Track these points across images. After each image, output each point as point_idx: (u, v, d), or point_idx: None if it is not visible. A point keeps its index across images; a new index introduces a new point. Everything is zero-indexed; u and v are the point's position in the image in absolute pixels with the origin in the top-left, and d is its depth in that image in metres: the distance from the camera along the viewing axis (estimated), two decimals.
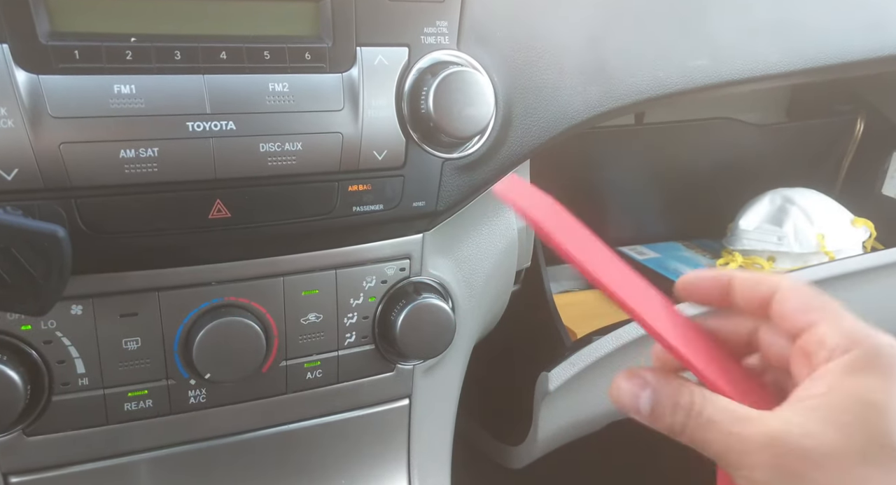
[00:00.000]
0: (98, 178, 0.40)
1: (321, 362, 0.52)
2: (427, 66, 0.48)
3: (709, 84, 0.61)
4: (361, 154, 0.47)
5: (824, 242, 0.83)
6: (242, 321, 0.47)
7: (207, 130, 0.42)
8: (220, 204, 0.44)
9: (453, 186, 0.52)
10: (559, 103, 0.56)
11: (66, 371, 0.45)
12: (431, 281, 0.55)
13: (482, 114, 0.49)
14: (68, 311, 0.44)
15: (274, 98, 0.44)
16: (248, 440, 0.52)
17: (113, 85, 0.40)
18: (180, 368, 0.47)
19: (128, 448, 0.48)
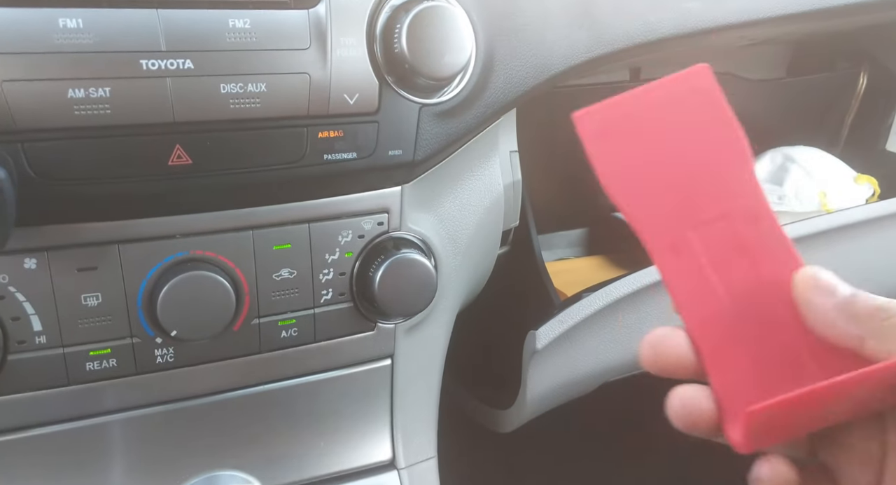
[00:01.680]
0: (45, 120, 0.38)
1: (296, 320, 0.50)
2: (400, 3, 0.45)
3: (702, 28, 0.59)
4: (331, 97, 0.44)
5: (826, 200, 0.81)
6: (210, 276, 0.45)
7: (163, 68, 0.40)
8: (179, 150, 0.41)
9: (432, 135, 0.49)
10: (544, 48, 0.53)
11: (21, 328, 0.42)
12: (412, 236, 0.53)
13: (461, 54, 0.46)
14: (21, 264, 0.41)
15: (234, 35, 0.41)
16: (221, 401, 0.50)
17: (58, 18, 0.37)
18: (145, 325, 0.45)
19: (93, 410, 0.46)
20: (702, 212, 0.32)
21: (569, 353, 0.63)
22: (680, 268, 0.32)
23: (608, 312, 0.62)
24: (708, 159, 0.32)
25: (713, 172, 0.32)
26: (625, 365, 0.66)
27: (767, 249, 0.31)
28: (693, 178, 0.32)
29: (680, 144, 0.32)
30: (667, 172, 0.32)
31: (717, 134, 0.32)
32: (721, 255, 0.32)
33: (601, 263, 0.90)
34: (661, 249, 0.32)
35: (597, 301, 0.61)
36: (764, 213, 0.32)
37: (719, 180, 0.32)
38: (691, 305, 0.31)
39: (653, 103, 0.33)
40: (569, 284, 0.77)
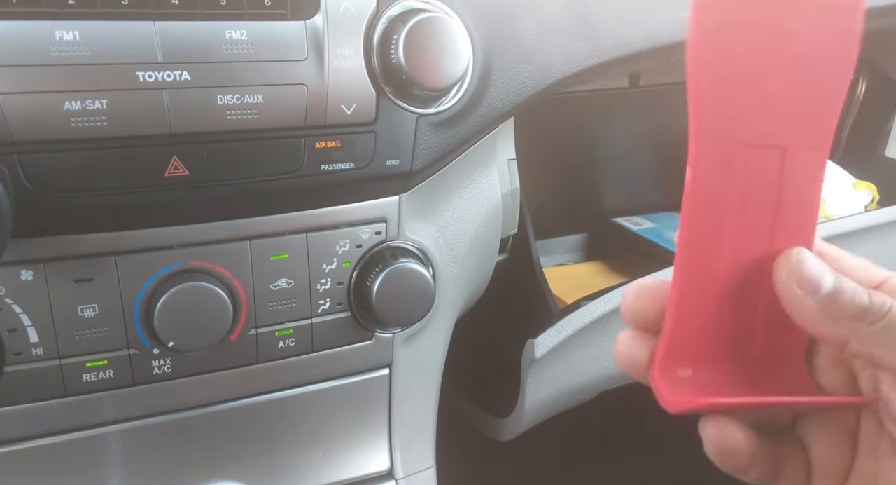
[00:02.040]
0: (42, 132, 0.38)
1: (294, 330, 0.50)
2: (398, 14, 0.45)
3: None
4: (328, 108, 0.44)
5: (825, 206, 0.80)
6: (207, 287, 0.45)
7: (160, 80, 0.40)
8: (176, 161, 0.41)
9: (429, 144, 0.49)
10: (542, 57, 0.53)
11: (18, 340, 0.42)
12: (410, 246, 0.53)
13: (457, 65, 0.46)
14: (18, 276, 0.41)
15: (231, 47, 0.41)
16: (219, 412, 0.50)
17: (54, 31, 0.37)
18: (142, 336, 0.45)
19: (91, 421, 0.46)
20: (769, 128, 0.29)
21: (568, 361, 0.63)
22: (710, 191, 0.29)
23: (607, 320, 0.61)
24: (810, 67, 0.29)
25: (806, 84, 0.29)
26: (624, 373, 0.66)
27: (795, 207, 0.30)
28: (783, 81, 0.29)
29: (792, 37, 0.28)
30: (761, 64, 0.28)
31: (835, 42, 0.29)
32: (753, 194, 0.29)
33: (600, 269, 0.90)
34: (708, 155, 0.29)
35: (595, 309, 0.61)
36: (819, 159, 0.29)
37: (805, 98, 0.29)
38: (695, 243, 0.30)
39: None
40: (567, 290, 0.77)
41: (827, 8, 0.29)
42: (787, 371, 0.31)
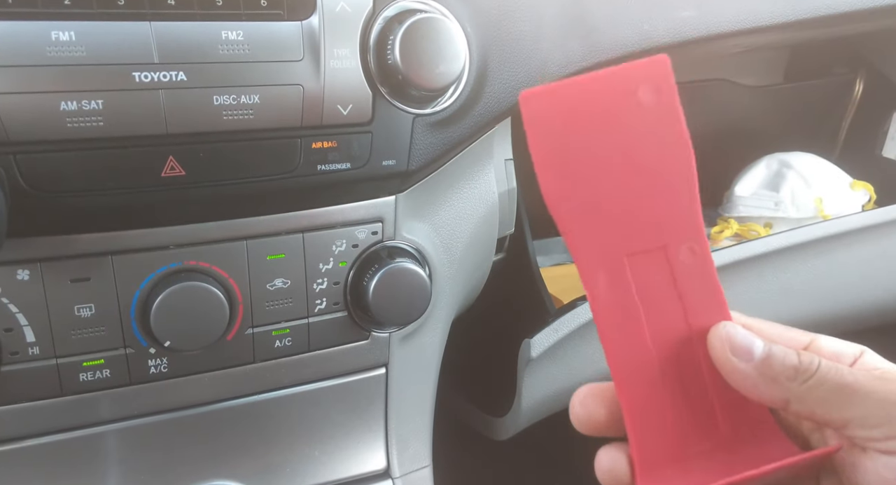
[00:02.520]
0: (38, 132, 0.38)
1: (290, 330, 0.50)
2: (394, 15, 0.45)
3: (697, 37, 0.58)
4: (325, 108, 0.44)
5: (822, 206, 0.81)
6: (203, 286, 0.45)
7: (156, 80, 0.40)
8: (173, 161, 0.42)
9: (426, 144, 0.49)
10: (538, 57, 0.53)
11: (14, 340, 0.42)
12: (406, 245, 0.53)
13: (454, 65, 0.46)
14: (14, 276, 0.41)
15: (227, 47, 0.41)
16: (215, 411, 0.50)
17: (50, 31, 0.37)
18: (138, 336, 0.45)
19: (87, 420, 0.46)
20: (641, 236, 0.30)
21: (564, 361, 0.63)
22: (611, 302, 0.30)
23: None
24: (654, 173, 0.30)
25: (657, 189, 0.30)
26: None
27: (698, 291, 0.31)
28: (636, 193, 0.30)
29: (628, 150, 0.30)
30: (610, 183, 0.30)
31: (668, 146, 0.30)
32: (652, 292, 0.30)
33: None
34: (594, 275, 0.30)
35: None
36: (701, 248, 0.31)
37: (662, 201, 0.30)
38: (619, 351, 0.31)
39: (605, 94, 0.30)
40: (565, 289, 0.77)
41: (648, 120, 0.30)
42: (763, 440, 0.31)
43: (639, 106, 0.30)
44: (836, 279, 0.68)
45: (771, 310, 0.68)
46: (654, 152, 0.30)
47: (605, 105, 0.30)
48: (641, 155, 0.30)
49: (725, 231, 0.84)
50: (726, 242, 0.83)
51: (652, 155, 0.30)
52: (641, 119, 0.30)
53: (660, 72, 0.30)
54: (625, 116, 0.30)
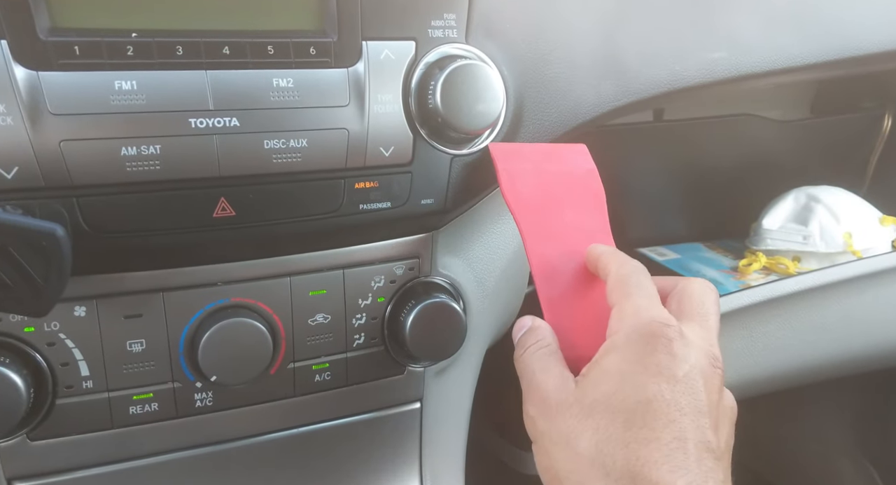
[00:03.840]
0: (99, 176, 0.40)
1: (330, 364, 0.51)
2: (435, 60, 0.47)
3: (728, 77, 0.60)
4: (368, 151, 0.46)
5: (851, 241, 0.80)
6: (249, 322, 0.46)
7: (210, 126, 0.41)
8: (224, 202, 0.43)
9: (463, 183, 0.50)
10: (572, 98, 0.55)
11: (69, 374, 0.44)
12: (442, 281, 0.54)
13: (492, 108, 0.48)
14: (71, 312, 0.43)
15: (278, 94, 0.43)
16: (255, 444, 0.51)
17: (114, 81, 0.39)
18: (186, 370, 0.47)
19: (134, 453, 0.48)
20: (567, 236, 0.47)
21: None
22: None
23: None
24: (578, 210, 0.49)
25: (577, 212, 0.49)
26: None
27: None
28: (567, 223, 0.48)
29: (559, 185, 0.49)
30: (545, 197, 0.48)
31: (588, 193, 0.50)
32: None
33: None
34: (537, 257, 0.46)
35: None
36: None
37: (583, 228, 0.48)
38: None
39: (546, 156, 0.50)
40: None
41: (568, 162, 0.51)
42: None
43: (572, 172, 0.51)
44: (869, 317, 0.68)
45: (803, 348, 0.68)
46: (581, 202, 0.50)
47: (547, 163, 0.50)
48: (571, 196, 0.50)
49: (754, 264, 0.84)
50: (755, 275, 0.83)
51: (579, 202, 0.50)
52: (572, 178, 0.50)
53: (583, 150, 0.53)
54: (559, 171, 0.50)
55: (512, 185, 0.48)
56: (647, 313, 0.38)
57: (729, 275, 0.84)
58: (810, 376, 0.73)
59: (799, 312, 0.66)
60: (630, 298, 0.40)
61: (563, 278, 0.46)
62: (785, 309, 0.66)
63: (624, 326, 0.38)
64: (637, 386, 0.36)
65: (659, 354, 0.36)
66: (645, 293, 0.40)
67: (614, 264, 0.43)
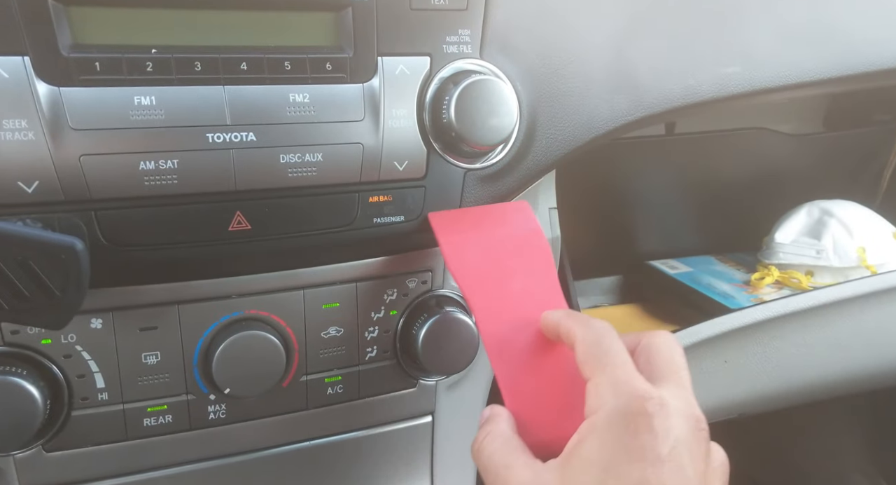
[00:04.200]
0: (118, 190, 0.40)
1: (342, 377, 0.51)
2: (449, 76, 0.47)
3: (742, 92, 0.59)
4: (382, 165, 0.46)
5: (865, 255, 0.80)
6: (262, 335, 0.46)
7: (228, 141, 0.42)
8: (240, 216, 0.44)
9: (476, 197, 0.51)
10: (585, 112, 0.55)
11: (85, 386, 0.44)
12: (454, 294, 0.54)
13: (505, 123, 0.48)
14: (88, 324, 0.44)
15: (294, 109, 0.43)
16: (268, 457, 0.51)
17: (133, 97, 0.40)
18: (200, 383, 0.47)
19: (147, 464, 0.48)
20: (518, 306, 0.45)
21: None
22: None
23: None
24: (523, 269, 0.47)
25: (526, 277, 0.46)
26: None
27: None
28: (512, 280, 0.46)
29: (504, 250, 0.47)
30: (491, 266, 0.46)
31: (533, 251, 0.48)
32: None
33: (636, 313, 0.90)
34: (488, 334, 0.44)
35: None
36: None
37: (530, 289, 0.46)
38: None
39: (489, 219, 0.49)
40: None
41: (512, 223, 0.50)
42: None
43: (514, 231, 0.49)
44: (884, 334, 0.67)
45: (817, 364, 0.68)
46: (525, 259, 0.48)
47: (489, 224, 0.49)
48: (514, 253, 0.48)
49: (766, 278, 0.84)
50: (767, 289, 0.83)
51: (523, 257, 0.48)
52: (515, 236, 0.49)
53: (525, 207, 0.51)
54: (503, 232, 0.49)
55: (456, 258, 0.46)
56: (625, 388, 0.36)
57: (741, 289, 0.84)
58: (824, 392, 0.73)
59: (813, 327, 0.66)
60: (605, 371, 0.37)
61: (521, 353, 0.43)
62: (800, 324, 0.65)
63: (603, 404, 0.36)
64: (621, 476, 0.33)
65: (642, 436, 0.34)
66: (619, 361, 0.37)
67: (579, 330, 0.40)
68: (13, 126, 0.37)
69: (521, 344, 0.44)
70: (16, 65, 0.37)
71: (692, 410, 0.37)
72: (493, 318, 0.44)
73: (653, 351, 0.40)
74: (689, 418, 0.36)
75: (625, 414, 0.35)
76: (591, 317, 0.41)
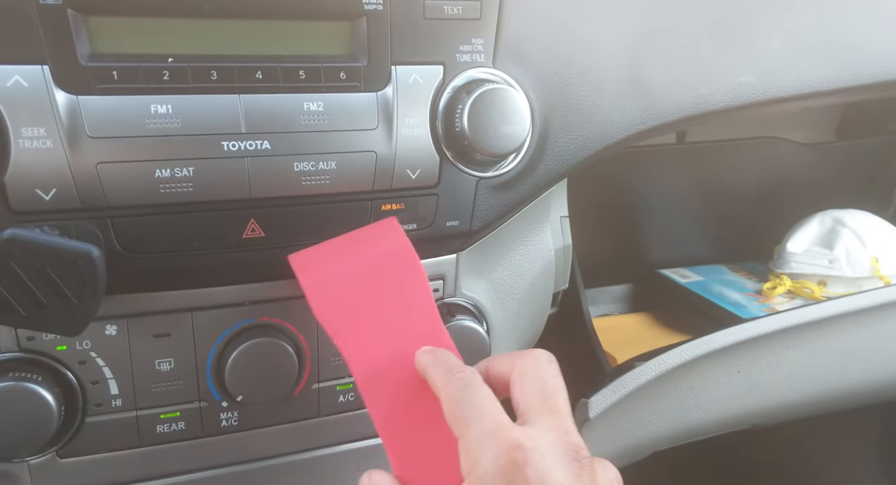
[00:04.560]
0: (134, 197, 0.40)
1: (353, 385, 0.51)
2: (462, 84, 0.47)
3: (755, 101, 0.59)
4: (395, 173, 0.46)
5: (878, 265, 0.79)
6: (275, 343, 0.46)
7: (242, 149, 0.42)
8: (254, 224, 0.44)
9: (488, 206, 0.51)
10: (598, 121, 0.55)
11: (99, 392, 0.44)
12: (465, 302, 0.54)
13: (518, 132, 0.48)
14: (103, 331, 0.44)
15: (309, 117, 0.43)
16: (280, 465, 0.51)
17: (150, 105, 0.40)
18: (212, 390, 0.47)
19: (160, 471, 0.48)
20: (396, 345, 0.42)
21: (620, 422, 0.63)
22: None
23: (661, 381, 0.61)
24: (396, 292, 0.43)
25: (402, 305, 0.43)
26: (678, 434, 0.66)
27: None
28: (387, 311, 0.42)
29: (378, 284, 0.43)
30: (370, 308, 0.42)
31: (407, 273, 0.44)
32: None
33: (647, 321, 0.90)
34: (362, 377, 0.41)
35: (650, 370, 0.61)
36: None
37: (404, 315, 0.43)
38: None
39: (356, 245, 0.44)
40: (614, 342, 0.77)
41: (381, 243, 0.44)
42: None
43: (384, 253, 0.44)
44: None
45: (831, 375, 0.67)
46: (397, 284, 0.43)
47: (362, 253, 0.44)
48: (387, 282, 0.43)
49: (778, 288, 0.83)
50: (779, 298, 0.82)
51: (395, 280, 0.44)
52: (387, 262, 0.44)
53: (394, 224, 0.46)
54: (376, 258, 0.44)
55: (322, 303, 0.42)
56: (492, 443, 0.34)
57: (752, 298, 0.83)
58: (837, 403, 0.72)
59: (827, 338, 0.65)
60: (471, 426, 0.35)
61: (401, 401, 0.40)
62: (814, 335, 0.65)
63: (474, 464, 0.34)
64: None
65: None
66: (485, 411, 0.36)
67: (441, 383, 0.38)
68: (32, 134, 0.38)
69: (401, 391, 0.40)
70: (35, 74, 0.38)
71: (568, 438, 0.35)
72: (369, 365, 0.41)
73: (523, 377, 0.38)
74: (567, 451, 0.34)
75: (496, 473, 0.33)
76: (454, 361, 0.40)
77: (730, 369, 0.65)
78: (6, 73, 0.37)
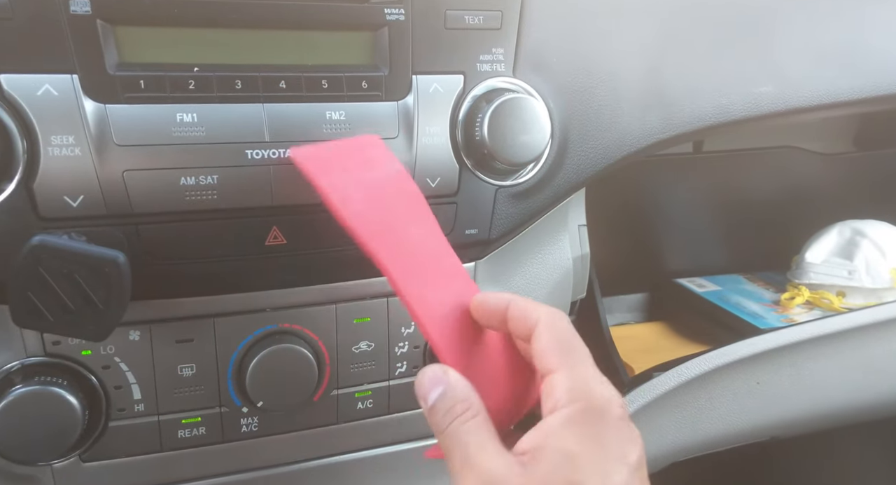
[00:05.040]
0: (159, 205, 0.41)
1: (372, 392, 0.51)
2: (482, 94, 0.48)
3: (775, 111, 0.59)
4: (415, 181, 0.46)
5: (894, 276, 0.79)
6: (295, 349, 0.47)
7: (266, 157, 0.43)
8: (276, 231, 0.44)
9: (507, 214, 0.51)
10: (617, 130, 0.55)
11: (123, 397, 0.45)
12: None
13: (537, 141, 0.48)
14: (126, 336, 0.44)
15: (331, 126, 0.44)
16: (298, 471, 0.51)
17: (176, 114, 0.41)
18: (233, 395, 0.47)
19: (180, 476, 0.48)
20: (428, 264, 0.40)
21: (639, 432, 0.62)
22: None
23: (679, 392, 0.61)
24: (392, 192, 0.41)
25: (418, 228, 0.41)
26: (696, 445, 0.65)
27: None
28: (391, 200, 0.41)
29: (389, 199, 0.41)
30: (391, 221, 0.40)
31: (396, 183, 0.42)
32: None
33: (663, 331, 0.89)
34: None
35: (668, 381, 0.61)
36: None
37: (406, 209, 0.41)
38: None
39: (351, 156, 0.42)
40: (630, 351, 0.77)
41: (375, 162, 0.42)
42: None
43: (372, 159, 0.42)
44: None
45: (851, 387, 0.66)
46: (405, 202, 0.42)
47: (350, 153, 0.42)
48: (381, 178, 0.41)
49: (797, 298, 0.83)
50: (798, 309, 0.82)
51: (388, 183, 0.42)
52: (374, 163, 0.42)
53: (378, 142, 0.44)
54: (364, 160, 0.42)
55: (347, 204, 0.39)
56: (599, 389, 0.34)
57: (770, 308, 0.83)
58: (857, 415, 0.71)
59: (848, 350, 0.65)
60: (577, 368, 0.35)
61: (453, 323, 0.38)
62: (834, 346, 0.64)
63: (576, 398, 0.33)
64: (601, 475, 0.32)
65: (615, 434, 0.33)
66: (589, 359, 0.36)
67: (544, 318, 0.36)
68: (61, 142, 0.38)
69: (450, 313, 0.38)
70: (65, 83, 0.38)
71: (619, 398, 0.35)
72: (413, 279, 0.38)
73: (561, 334, 0.36)
74: (622, 406, 0.35)
75: (601, 412, 0.33)
76: (547, 306, 0.38)
77: (749, 381, 0.64)
78: (37, 83, 0.38)
